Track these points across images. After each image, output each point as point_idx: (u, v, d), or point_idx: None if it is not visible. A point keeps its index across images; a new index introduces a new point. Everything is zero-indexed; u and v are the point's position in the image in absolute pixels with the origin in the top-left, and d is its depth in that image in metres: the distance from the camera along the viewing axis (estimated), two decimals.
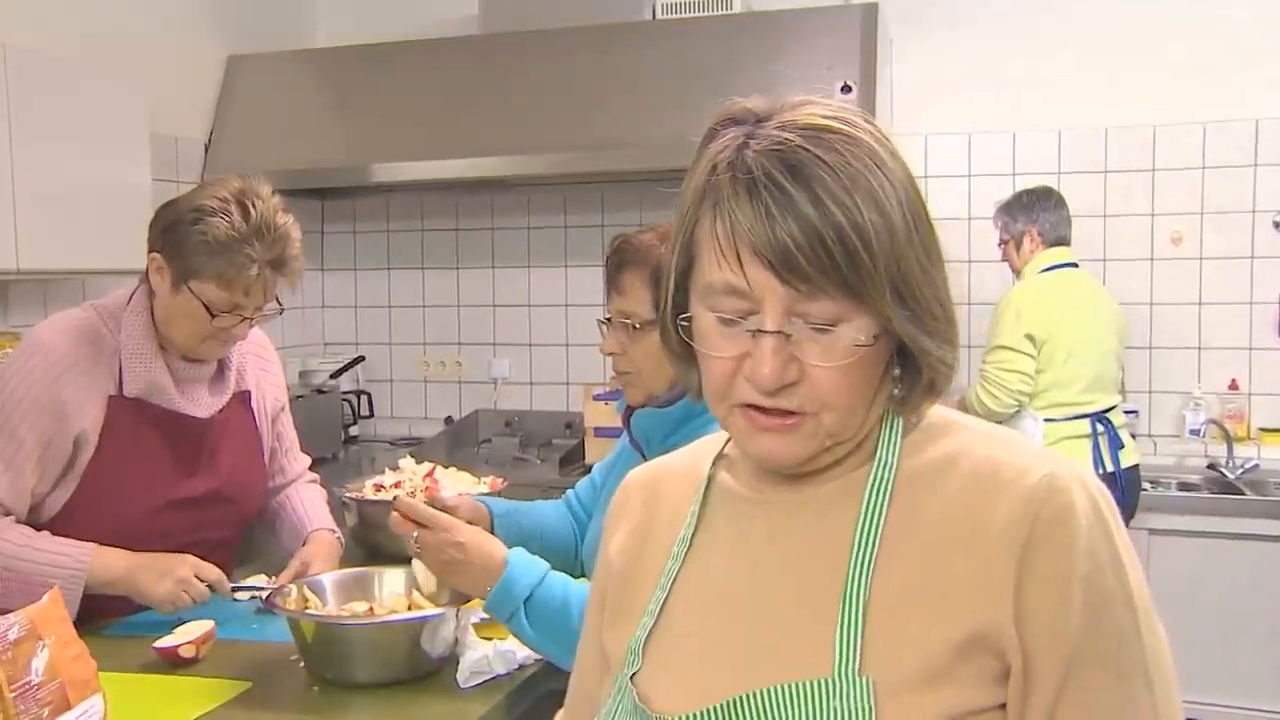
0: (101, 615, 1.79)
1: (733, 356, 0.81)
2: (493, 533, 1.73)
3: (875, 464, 0.84)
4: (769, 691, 0.78)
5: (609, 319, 1.66)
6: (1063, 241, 3.37)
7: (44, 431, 1.73)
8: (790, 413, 0.80)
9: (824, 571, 0.82)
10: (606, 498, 1.41)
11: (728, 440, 0.94)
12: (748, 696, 0.79)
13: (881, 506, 0.82)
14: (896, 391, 0.84)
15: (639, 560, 0.95)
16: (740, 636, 0.84)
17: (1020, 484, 0.79)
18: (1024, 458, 0.81)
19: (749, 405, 0.81)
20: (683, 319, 0.85)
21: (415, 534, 1.48)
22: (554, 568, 1.50)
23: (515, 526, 1.81)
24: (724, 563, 0.88)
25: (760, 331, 0.79)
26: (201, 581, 1.76)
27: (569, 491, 1.97)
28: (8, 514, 1.75)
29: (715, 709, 0.80)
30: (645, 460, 1.60)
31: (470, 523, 1.71)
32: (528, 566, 1.48)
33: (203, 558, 1.81)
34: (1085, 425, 3.24)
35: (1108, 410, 3.28)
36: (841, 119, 0.81)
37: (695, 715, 0.81)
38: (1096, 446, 3.23)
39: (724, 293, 0.80)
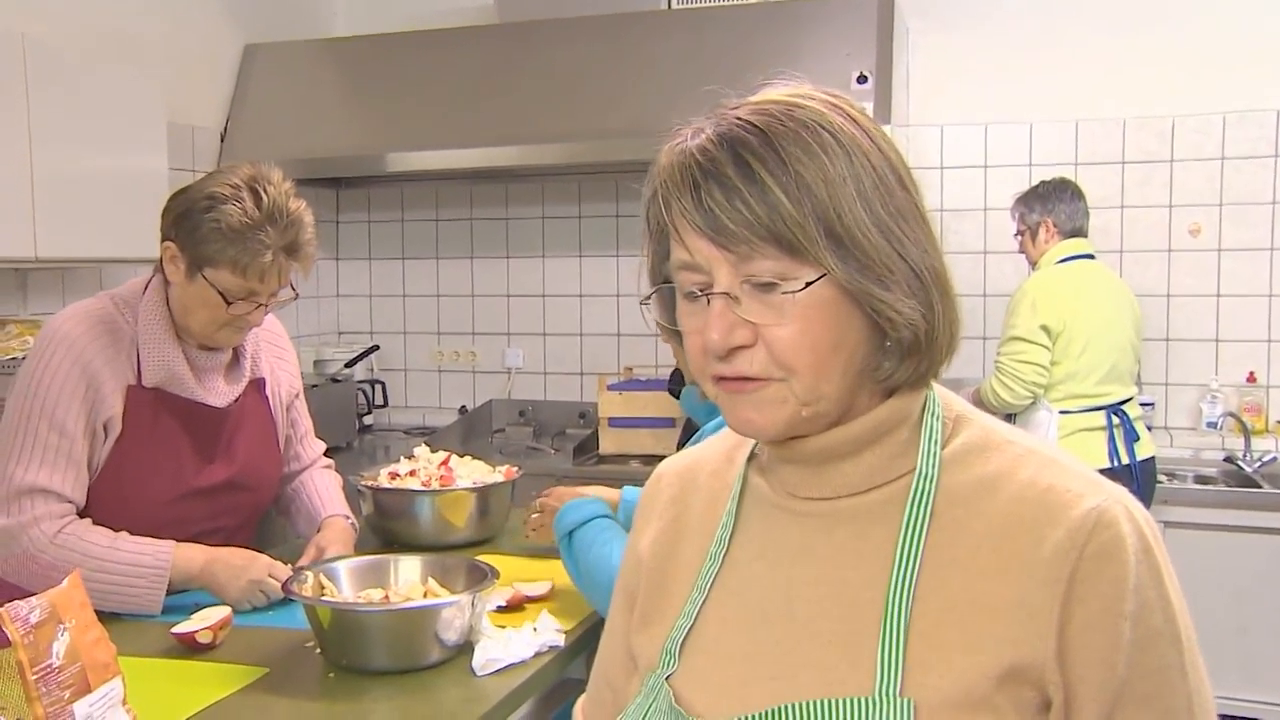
0: None
1: (700, 330, 0.81)
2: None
3: (915, 477, 0.82)
4: (809, 705, 0.78)
5: None
6: (1079, 233, 3.36)
7: (87, 416, 1.74)
8: (753, 379, 0.80)
9: (863, 588, 0.81)
10: None
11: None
12: (787, 708, 0.79)
13: (922, 525, 0.80)
14: (887, 364, 0.81)
15: (671, 559, 0.94)
16: (778, 647, 0.83)
17: (1068, 514, 0.77)
18: (1071, 484, 0.79)
19: (718, 376, 0.82)
20: (645, 301, 0.88)
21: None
22: None
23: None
24: (761, 570, 0.87)
25: (709, 297, 0.79)
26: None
27: None
28: (76, 511, 1.76)
29: (755, 718, 0.79)
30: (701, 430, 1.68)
31: None
32: (578, 509, 1.73)
33: (221, 545, 1.82)
34: (1101, 417, 3.23)
35: (1123, 402, 3.27)
36: (794, 94, 0.82)
37: None
38: (1112, 439, 3.21)
39: (682, 269, 0.81)
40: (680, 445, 2.99)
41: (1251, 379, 3.63)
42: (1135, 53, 3.66)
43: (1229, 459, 3.57)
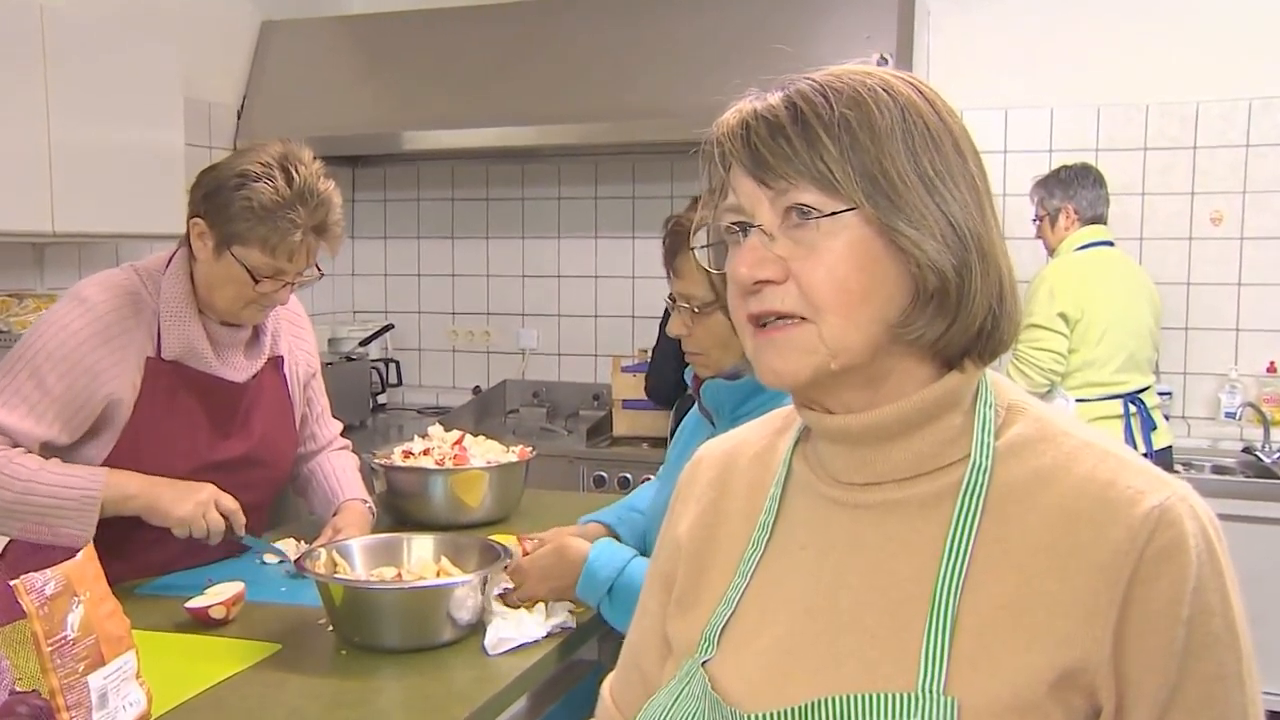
0: (135, 575, 1.81)
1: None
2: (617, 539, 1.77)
3: (968, 468, 0.80)
4: (850, 698, 0.76)
5: (674, 300, 1.64)
6: (1099, 219, 3.33)
7: (72, 386, 1.73)
8: (781, 316, 0.79)
9: (910, 581, 0.79)
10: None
11: (804, 426, 0.90)
12: (828, 701, 0.77)
13: (973, 518, 0.78)
14: (919, 322, 0.79)
15: (711, 543, 0.92)
16: (820, 639, 0.81)
17: (1129, 511, 0.74)
18: (1133, 480, 0.76)
19: (750, 319, 0.81)
20: (702, 248, 0.89)
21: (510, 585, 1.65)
22: None
23: (631, 525, 1.84)
24: (806, 559, 0.85)
25: (745, 232, 0.81)
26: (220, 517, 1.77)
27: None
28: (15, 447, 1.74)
29: (794, 710, 0.78)
30: (714, 429, 1.61)
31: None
32: (605, 560, 1.57)
33: None
34: (1118, 405, 3.21)
35: (1141, 391, 3.25)
36: (864, 68, 0.83)
37: (774, 715, 0.78)
38: (1129, 427, 3.20)
39: (730, 211, 0.83)
40: (673, 434, 2.94)
41: (1272, 369, 3.60)
42: (1159, 37, 3.61)
43: (1247, 449, 3.54)
